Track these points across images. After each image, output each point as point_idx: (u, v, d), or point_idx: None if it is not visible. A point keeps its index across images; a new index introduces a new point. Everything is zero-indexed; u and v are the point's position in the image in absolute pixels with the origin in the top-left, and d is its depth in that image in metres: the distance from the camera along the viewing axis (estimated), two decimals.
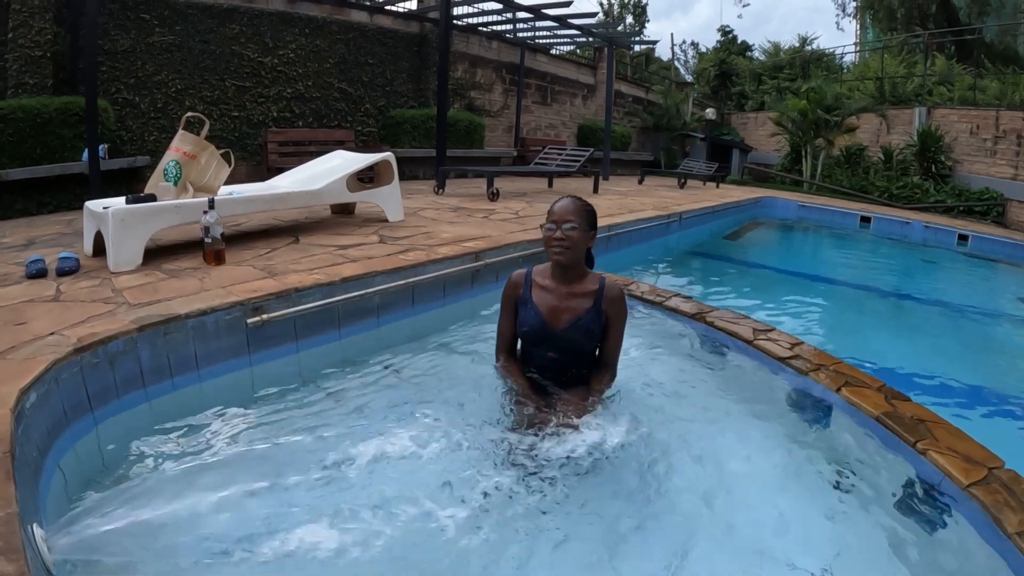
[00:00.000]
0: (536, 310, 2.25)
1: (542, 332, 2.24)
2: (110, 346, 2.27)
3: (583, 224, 2.18)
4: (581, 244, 2.19)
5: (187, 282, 3.04)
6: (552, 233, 2.16)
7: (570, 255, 2.17)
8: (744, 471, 2.14)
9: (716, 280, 6.16)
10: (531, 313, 2.25)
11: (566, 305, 2.23)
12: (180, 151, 3.82)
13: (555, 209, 2.20)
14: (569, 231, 2.14)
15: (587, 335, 2.23)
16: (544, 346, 2.27)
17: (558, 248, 2.16)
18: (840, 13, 25.03)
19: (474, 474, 1.90)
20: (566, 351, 2.26)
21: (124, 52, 7.21)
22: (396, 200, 5.24)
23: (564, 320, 2.22)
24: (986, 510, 1.68)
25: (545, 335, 2.24)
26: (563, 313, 2.23)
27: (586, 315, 2.21)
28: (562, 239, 2.14)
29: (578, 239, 2.16)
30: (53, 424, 1.98)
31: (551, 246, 2.17)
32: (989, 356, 4.59)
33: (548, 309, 2.24)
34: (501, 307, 2.39)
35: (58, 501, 1.82)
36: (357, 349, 3.04)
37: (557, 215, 2.17)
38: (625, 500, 1.91)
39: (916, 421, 2.12)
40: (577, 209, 2.19)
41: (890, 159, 13.53)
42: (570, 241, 2.14)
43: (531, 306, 2.26)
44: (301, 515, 1.73)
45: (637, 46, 17.70)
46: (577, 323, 2.21)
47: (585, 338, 2.23)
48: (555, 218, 2.17)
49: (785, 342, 2.83)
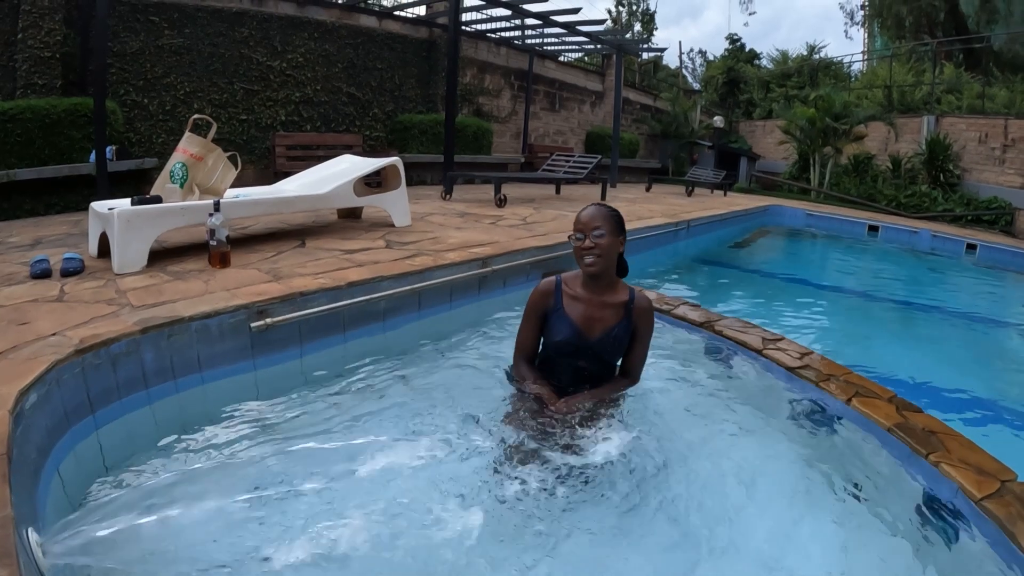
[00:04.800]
0: (569, 320, 2.20)
1: (576, 342, 2.19)
2: (112, 347, 2.25)
3: (611, 230, 2.15)
4: (611, 251, 2.15)
5: (192, 284, 3.03)
6: (581, 243, 2.13)
7: (602, 263, 2.13)
8: (752, 484, 2.11)
9: (724, 288, 6.11)
10: (564, 323, 2.20)
11: (599, 315, 2.19)
12: (187, 153, 3.82)
13: (581, 218, 2.16)
14: (598, 238, 2.11)
15: (618, 346, 2.21)
16: (575, 356, 2.23)
17: (590, 258, 2.12)
18: (848, 21, 25.11)
19: (476, 485, 1.87)
20: (597, 361, 2.24)
21: (133, 54, 7.26)
22: (403, 205, 5.23)
23: (598, 331, 2.18)
24: (1000, 524, 1.65)
25: (579, 346, 2.19)
26: (596, 323, 2.19)
27: (617, 326, 2.18)
28: (592, 247, 2.11)
29: (608, 246, 2.13)
30: (53, 426, 1.96)
31: (582, 256, 2.14)
32: (998, 366, 4.53)
33: (582, 319, 2.19)
34: (525, 316, 2.33)
35: (57, 504, 1.80)
36: (362, 355, 3.01)
37: (584, 223, 2.13)
38: (629, 513, 1.87)
39: (928, 433, 2.09)
40: (604, 215, 2.15)
41: (898, 168, 13.45)
42: (600, 249, 2.11)
43: (563, 316, 2.21)
44: (302, 523, 1.70)
45: (645, 53, 17.67)
46: (610, 334, 2.18)
47: (616, 349, 2.22)
48: (582, 227, 2.13)
49: (794, 351, 2.79)
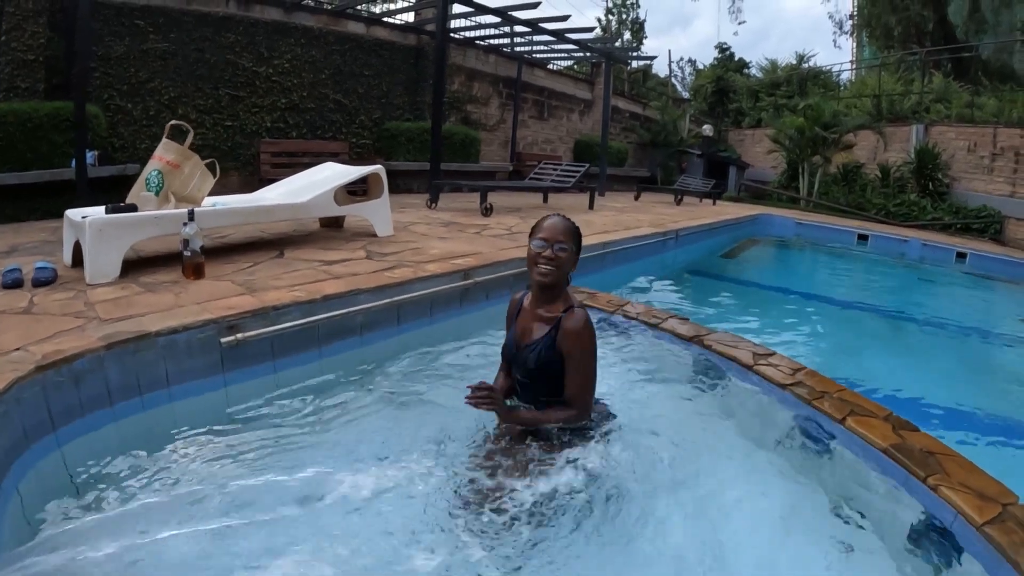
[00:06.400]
0: (515, 328, 2.19)
1: (512, 350, 2.18)
2: (75, 364, 2.16)
3: (573, 246, 2.10)
4: (567, 266, 2.10)
5: (162, 297, 2.92)
6: (542, 251, 2.05)
7: (556, 275, 2.07)
8: (742, 506, 2.03)
9: (713, 300, 6.04)
10: (512, 331, 2.21)
11: (532, 327, 2.14)
12: (163, 160, 3.72)
13: (545, 226, 2.09)
14: (559, 251, 2.05)
15: (543, 362, 2.07)
16: (514, 366, 2.19)
17: (546, 268, 2.05)
18: (837, 31, 25.08)
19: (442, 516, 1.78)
20: (529, 375, 2.12)
21: (118, 58, 7.13)
22: (386, 214, 5.13)
23: (526, 341, 2.13)
24: (1002, 551, 1.58)
25: (514, 354, 2.17)
26: (527, 334, 2.14)
27: (541, 341, 2.08)
28: (552, 258, 2.05)
29: (566, 260, 2.07)
30: (12, 444, 1.89)
31: (537, 264, 2.06)
32: (993, 380, 4.48)
33: (521, 328, 2.17)
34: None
35: (16, 526, 1.73)
36: (338, 371, 2.92)
37: (548, 234, 2.07)
38: (612, 538, 1.79)
39: (926, 454, 2.02)
40: (568, 230, 2.10)
41: (887, 176, 13.50)
42: (559, 262, 2.05)
43: (514, 324, 2.21)
44: (270, 549, 1.62)
45: (635, 62, 17.67)
46: (533, 346, 2.09)
47: (544, 366, 2.07)
48: (545, 235, 2.06)
49: (786, 367, 2.71)
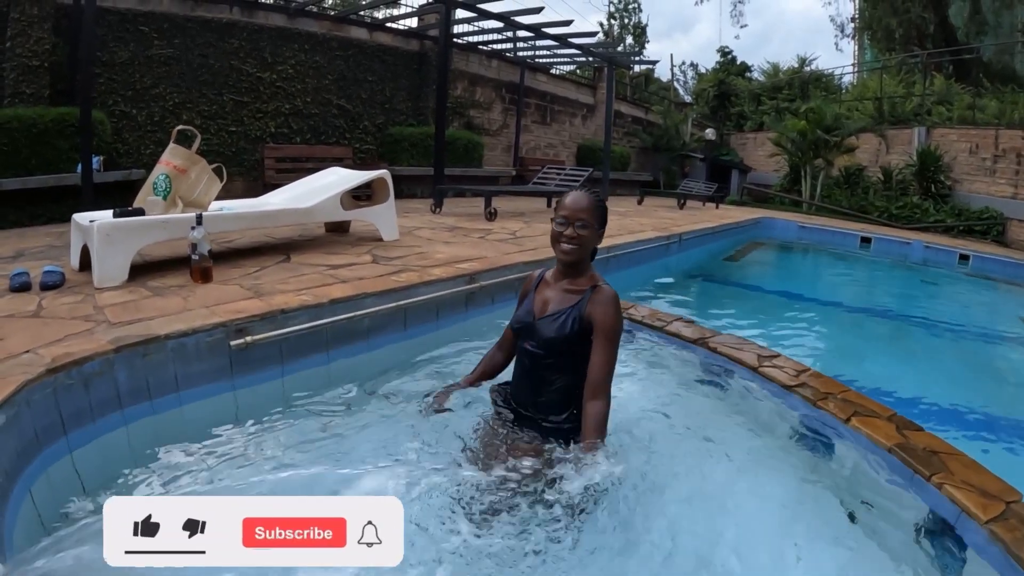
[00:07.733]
0: (531, 303, 2.17)
1: (527, 320, 2.14)
2: (85, 367, 2.17)
3: (595, 223, 2.07)
4: (590, 243, 2.09)
5: (171, 301, 2.95)
6: (563, 229, 2.05)
7: (579, 253, 2.07)
8: (748, 507, 2.04)
9: (717, 303, 6.06)
10: (527, 305, 2.18)
11: (556, 297, 2.12)
12: (170, 165, 3.75)
13: (567, 203, 2.07)
14: (580, 230, 2.04)
15: (560, 330, 2.04)
16: (525, 338, 2.15)
17: (568, 246, 2.05)
18: (839, 34, 25.13)
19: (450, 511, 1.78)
20: (542, 345, 2.08)
21: (122, 64, 7.19)
22: (391, 219, 5.15)
23: (548, 310, 2.10)
24: (1006, 548, 1.59)
25: (528, 324, 2.13)
26: (548, 304, 2.12)
27: (567, 311, 2.06)
28: (573, 237, 2.04)
29: (588, 238, 2.06)
30: (24, 446, 1.89)
31: (559, 242, 2.07)
32: (995, 380, 4.49)
33: (542, 300, 2.14)
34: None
35: (28, 527, 1.74)
36: (346, 375, 2.93)
37: (569, 211, 2.05)
38: (619, 543, 1.79)
39: (930, 453, 2.03)
40: (590, 206, 2.07)
41: (889, 179, 13.52)
42: (580, 240, 2.04)
43: (531, 299, 2.18)
44: None
45: (637, 66, 17.76)
46: (556, 315, 2.07)
47: (557, 333, 2.04)
48: (566, 213, 2.05)
49: (791, 369, 2.73)
